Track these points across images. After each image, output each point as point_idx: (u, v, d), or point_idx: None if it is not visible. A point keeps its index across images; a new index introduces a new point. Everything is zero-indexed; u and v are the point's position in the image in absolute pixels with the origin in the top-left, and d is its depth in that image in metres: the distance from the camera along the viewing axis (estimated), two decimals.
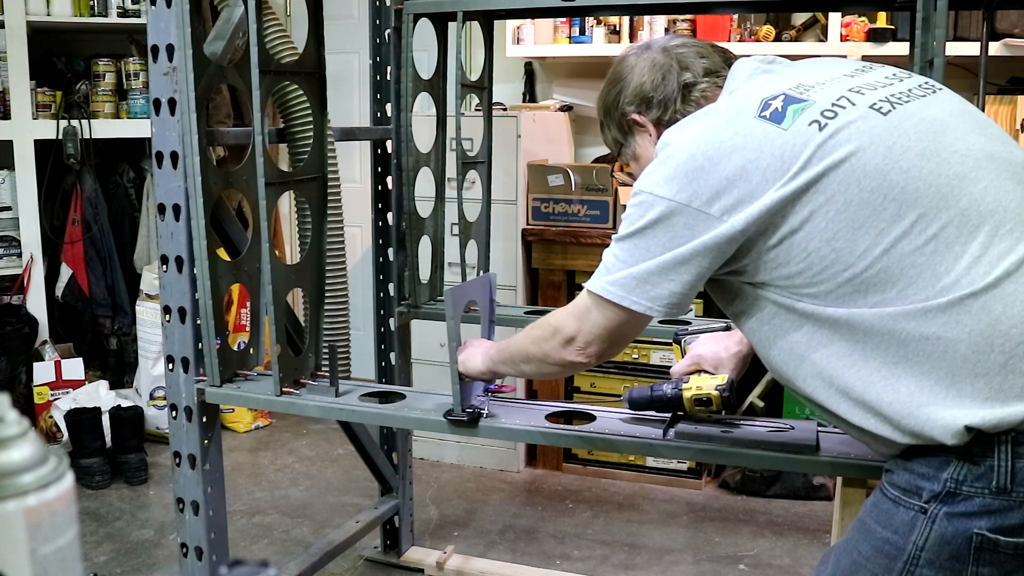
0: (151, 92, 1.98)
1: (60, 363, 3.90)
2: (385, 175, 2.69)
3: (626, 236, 1.31)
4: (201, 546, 2.09)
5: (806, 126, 1.21)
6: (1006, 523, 1.10)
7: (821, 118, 1.21)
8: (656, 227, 1.26)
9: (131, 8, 4.06)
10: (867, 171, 1.17)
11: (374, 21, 2.62)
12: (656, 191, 1.26)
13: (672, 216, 1.24)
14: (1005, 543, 1.10)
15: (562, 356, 1.41)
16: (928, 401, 1.14)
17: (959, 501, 1.12)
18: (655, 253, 1.27)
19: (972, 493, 1.12)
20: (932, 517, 1.13)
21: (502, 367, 1.63)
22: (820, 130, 1.19)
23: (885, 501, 1.21)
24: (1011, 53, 3.25)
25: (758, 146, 1.21)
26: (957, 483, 1.12)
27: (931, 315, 1.14)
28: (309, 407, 2.01)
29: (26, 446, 0.49)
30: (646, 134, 1.46)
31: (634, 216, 1.30)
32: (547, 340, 1.43)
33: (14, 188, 3.94)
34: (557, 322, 1.41)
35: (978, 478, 1.11)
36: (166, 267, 2.01)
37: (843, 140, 1.19)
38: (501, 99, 3.85)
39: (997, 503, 1.10)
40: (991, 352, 1.11)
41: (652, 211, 1.26)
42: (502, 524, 3.22)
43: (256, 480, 3.59)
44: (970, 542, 1.11)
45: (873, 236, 1.16)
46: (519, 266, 3.56)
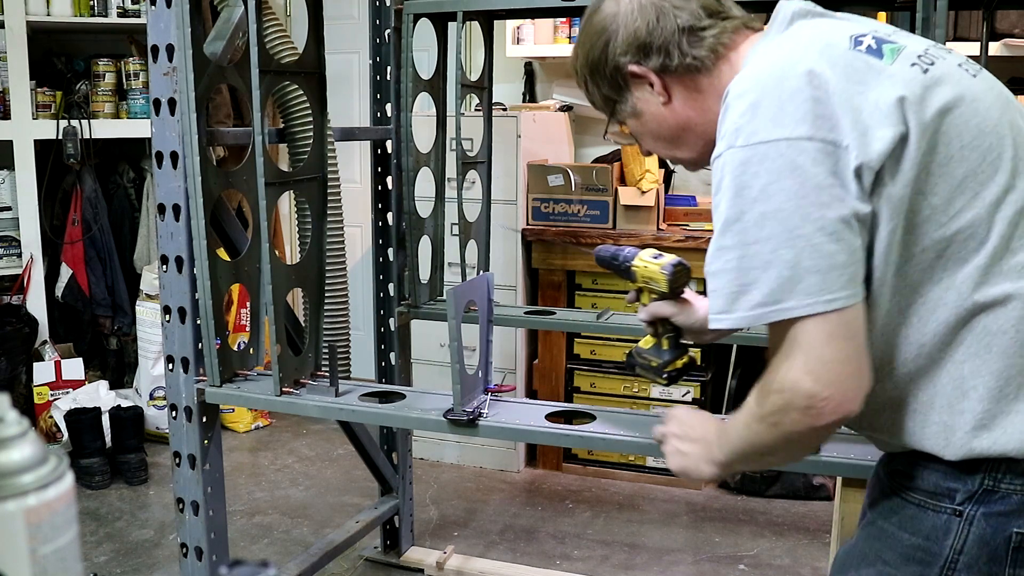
0: (151, 92, 1.98)
1: (60, 363, 3.90)
2: (385, 175, 2.69)
3: (741, 214, 1.03)
4: (201, 546, 2.09)
5: (908, 66, 1.08)
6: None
7: (920, 62, 1.09)
8: (787, 177, 1.01)
9: (131, 8, 4.06)
10: (968, 127, 1.07)
11: (374, 21, 2.62)
12: (783, 134, 1.02)
13: (799, 155, 1.01)
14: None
15: (811, 422, 1.04)
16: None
17: (996, 500, 1.06)
18: (800, 215, 1.00)
19: (1010, 491, 1.06)
20: (969, 519, 1.07)
21: (737, 465, 1.24)
22: (924, 72, 1.07)
23: (908, 507, 1.13)
24: (1011, 53, 3.25)
25: (863, 78, 1.05)
26: (996, 480, 1.06)
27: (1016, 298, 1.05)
28: (309, 407, 2.01)
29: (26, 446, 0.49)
30: (646, 85, 1.25)
31: (744, 186, 1.02)
32: (781, 412, 1.06)
33: (14, 188, 3.94)
34: (780, 390, 1.05)
35: (1018, 475, 1.05)
36: (166, 267, 2.01)
37: (947, 90, 1.07)
38: (501, 99, 3.85)
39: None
40: None
41: (767, 162, 1.02)
42: (502, 524, 3.22)
43: (256, 480, 3.59)
44: (1009, 542, 1.05)
45: (968, 198, 1.06)
46: (519, 266, 3.56)
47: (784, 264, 1.01)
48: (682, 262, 1.55)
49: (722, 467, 1.22)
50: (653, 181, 3.41)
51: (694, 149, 1.28)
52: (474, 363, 1.93)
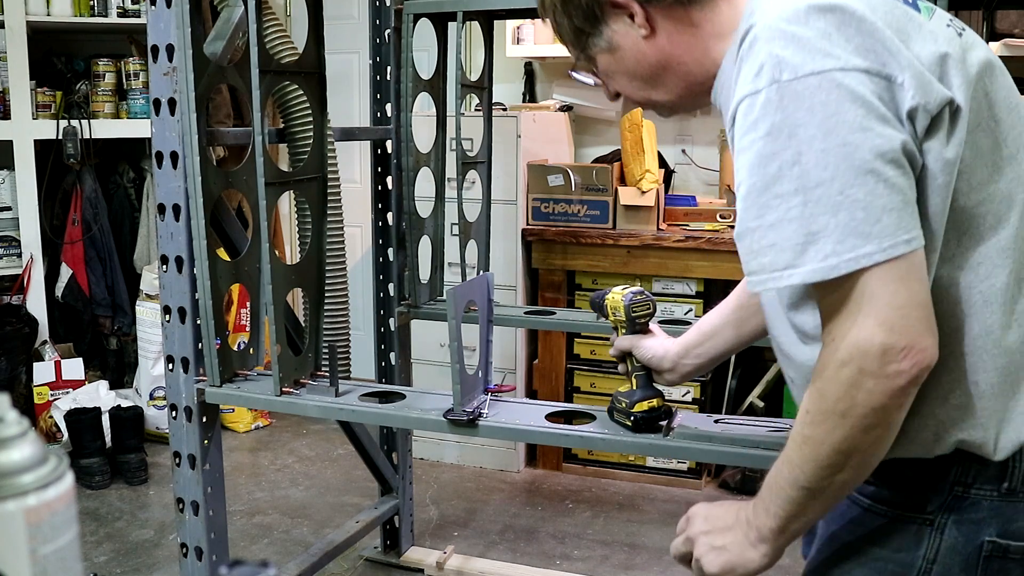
0: (151, 92, 1.98)
1: (60, 363, 3.90)
2: (385, 175, 2.69)
3: (797, 155, 0.90)
4: (201, 546, 2.09)
5: (945, 26, 1.01)
6: (1014, 527, 1.02)
7: (953, 24, 1.02)
8: (844, 109, 0.90)
9: (131, 8, 4.06)
10: (995, 98, 1.01)
11: (374, 21, 2.62)
12: (836, 64, 0.91)
13: (858, 86, 0.90)
14: (1015, 548, 1.02)
15: (889, 385, 0.92)
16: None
17: (967, 507, 1.02)
18: (863, 148, 0.90)
19: (980, 497, 1.02)
20: (940, 527, 1.03)
21: (794, 522, 1.03)
22: (959, 36, 1.01)
23: (876, 519, 1.08)
24: (1011, 53, 3.25)
25: (904, 27, 0.96)
26: (965, 486, 1.03)
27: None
28: (309, 407, 2.01)
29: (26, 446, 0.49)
30: (625, 16, 1.11)
31: (793, 117, 0.91)
32: (853, 386, 0.93)
33: (14, 188, 3.94)
34: (848, 349, 0.93)
35: (988, 480, 1.02)
36: (166, 267, 2.01)
37: (981, 54, 1.01)
38: (501, 99, 3.85)
39: (1005, 507, 1.02)
40: None
41: (826, 91, 0.90)
42: (502, 524, 3.22)
43: (256, 480, 3.59)
44: (980, 550, 1.02)
45: (988, 171, 1.00)
46: (519, 266, 3.56)
47: (856, 205, 0.89)
48: (642, 291, 1.52)
49: (776, 537, 1.04)
50: (653, 181, 3.41)
51: (672, 91, 1.15)
52: (474, 363, 1.93)
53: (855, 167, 0.89)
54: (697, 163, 3.99)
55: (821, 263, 0.91)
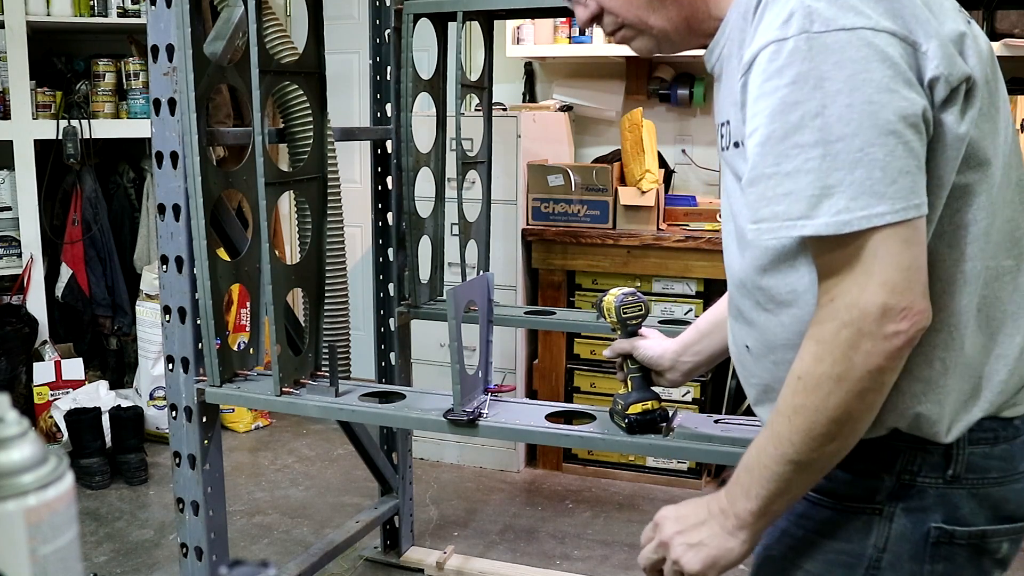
0: (151, 92, 1.98)
1: (60, 363, 3.90)
2: (385, 175, 2.69)
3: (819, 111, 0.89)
4: (201, 546, 2.09)
5: (956, 11, 1.00)
6: (958, 513, 1.03)
7: (963, 12, 1.02)
8: (872, 68, 0.89)
9: (131, 8, 4.06)
10: (996, 88, 1.02)
11: (374, 21, 2.62)
12: (868, 23, 0.90)
13: (887, 47, 0.90)
14: (960, 533, 1.03)
15: (886, 347, 0.92)
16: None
17: (914, 495, 1.04)
18: (887, 109, 0.89)
19: (927, 484, 1.03)
20: (889, 516, 1.04)
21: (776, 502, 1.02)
22: (968, 24, 1.00)
23: (823, 511, 1.09)
24: (1011, 53, 3.25)
25: (927, 2, 0.96)
26: (912, 475, 1.04)
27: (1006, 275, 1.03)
28: (309, 407, 2.01)
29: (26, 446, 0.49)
30: None
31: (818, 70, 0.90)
32: (851, 347, 0.92)
33: (14, 188, 3.95)
34: (848, 310, 0.92)
35: (933, 467, 1.03)
36: (166, 267, 2.01)
37: (986, 44, 1.01)
38: (501, 99, 3.85)
39: (950, 493, 1.03)
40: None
41: (856, 48, 0.89)
42: (502, 524, 3.22)
43: (256, 480, 3.59)
44: (927, 537, 1.03)
45: (987, 155, 1.01)
46: (519, 266, 3.56)
47: (875, 164, 0.89)
48: (634, 292, 1.52)
49: (756, 520, 1.02)
50: (653, 181, 3.41)
51: (669, 20, 1.11)
52: (474, 363, 1.93)
53: (878, 126, 0.89)
54: (697, 163, 3.99)
55: (834, 217, 0.90)
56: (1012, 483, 1.06)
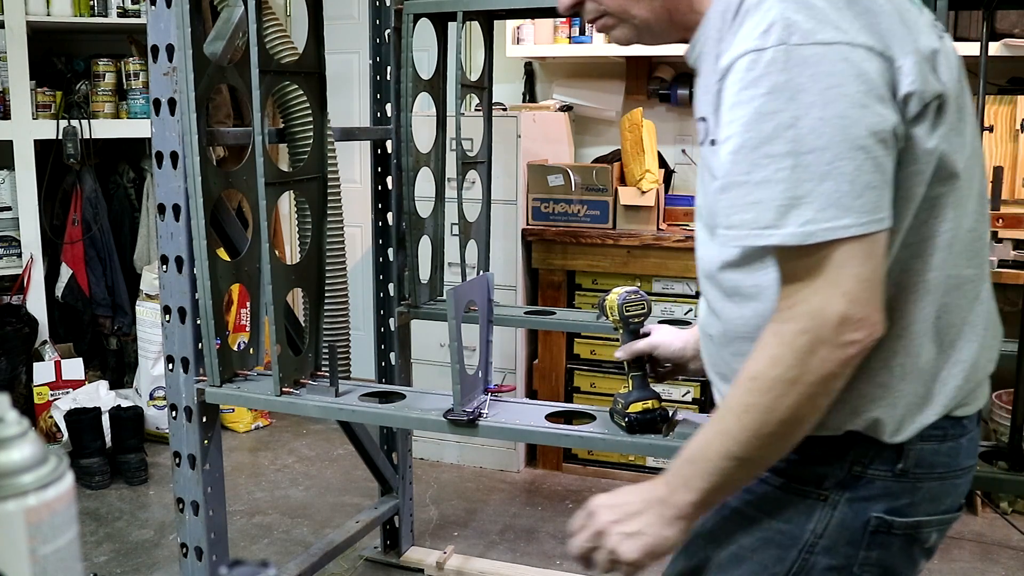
0: (151, 92, 1.98)
1: (60, 363, 3.90)
2: (385, 175, 2.69)
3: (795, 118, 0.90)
4: (201, 546, 2.09)
5: (931, 24, 1.03)
6: (899, 504, 1.06)
7: (936, 26, 1.04)
8: (846, 83, 0.90)
9: (131, 8, 4.06)
10: (964, 103, 1.04)
11: (374, 21, 2.62)
12: (845, 38, 0.92)
13: (862, 62, 0.91)
14: (899, 523, 1.06)
15: (840, 355, 0.95)
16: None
17: (862, 485, 1.06)
18: (858, 124, 0.91)
19: (875, 476, 1.06)
20: (833, 504, 1.06)
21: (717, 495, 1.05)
22: (940, 39, 1.02)
23: (770, 490, 1.10)
24: (1011, 53, 3.25)
25: (906, 16, 0.98)
26: (863, 466, 1.06)
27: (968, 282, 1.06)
28: (309, 407, 2.01)
29: (26, 446, 0.49)
30: None
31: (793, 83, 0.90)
32: (808, 353, 0.95)
33: (14, 188, 3.94)
34: (807, 317, 0.95)
35: (884, 461, 1.05)
36: (166, 267, 2.01)
37: (957, 62, 1.03)
38: (501, 99, 3.85)
39: (896, 486, 1.06)
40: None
41: (830, 63, 0.90)
42: (502, 524, 3.22)
43: (256, 480, 3.59)
44: (866, 525, 1.06)
45: (954, 169, 1.02)
46: (519, 266, 3.56)
47: (843, 177, 0.90)
48: (637, 291, 1.51)
49: (696, 511, 1.04)
50: (653, 181, 3.41)
51: (652, 11, 1.11)
52: (474, 363, 1.93)
53: (849, 140, 0.90)
54: (697, 163, 3.98)
55: (800, 228, 0.92)
56: (953, 478, 1.09)
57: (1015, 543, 3.02)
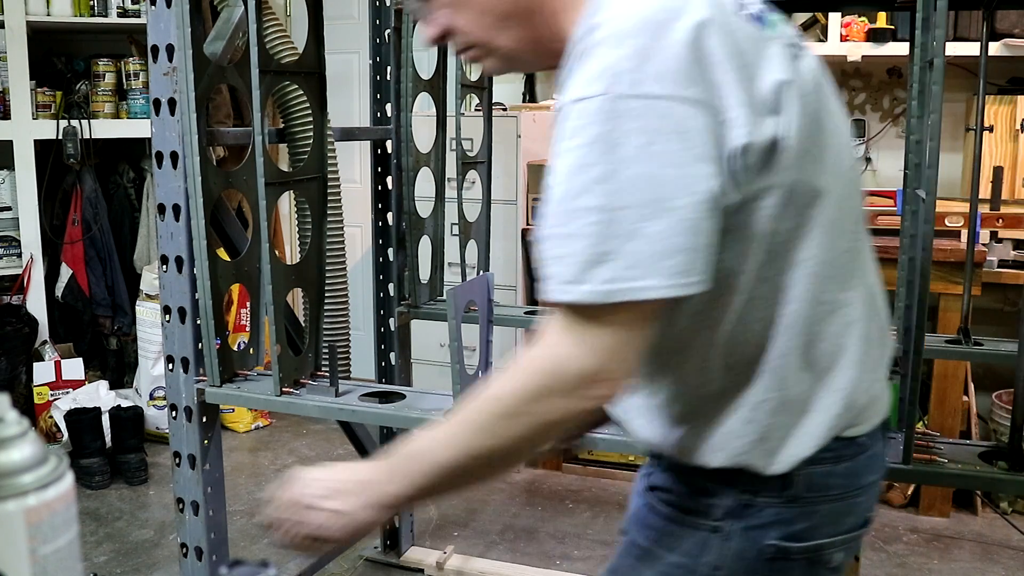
0: (151, 92, 1.98)
1: (60, 363, 3.90)
2: (385, 175, 2.69)
3: (608, 174, 0.87)
4: (201, 546, 2.09)
5: (785, 45, 0.98)
6: (795, 530, 1.03)
7: (796, 40, 1.01)
8: (664, 141, 0.86)
9: (131, 8, 4.06)
10: (824, 122, 1.00)
11: (374, 21, 2.62)
12: (673, 91, 0.87)
13: (685, 119, 0.87)
14: (796, 549, 1.03)
15: (574, 406, 0.93)
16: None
17: (753, 513, 1.03)
18: (675, 185, 0.87)
19: (766, 504, 1.02)
20: (726, 535, 1.03)
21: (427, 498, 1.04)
22: (794, 56, 0.98)
23: (667, 523, 1.07)
24: (1011, 53, 3.25)
25: (752, 48, 0.93)
26: (752, 495, 1.03)
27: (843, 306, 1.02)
28: (309, 407, 2.01)
29: (26, 446, 0.49)
30: None
31: (612, 135, 0.87)
32: (542, 396, 0.93)
33: (14, 188, 3.94)
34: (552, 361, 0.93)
35: (773, 488, 1.02)
36: (166, 267, 2.01)
37: (813, 77, 0.99)
38: (501, 99, 3.85)
39: (788, 512, 1.03)
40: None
41: (650, 118, 0.87)
42: (502, 524, 3.22)
43: (256, 480, 3.58)
44: (762, 554, 1.03)
45: (811, 198, 0.99)
46: (519, 266, 3.55)
47: (651, 238, 0.87)
48: None
49: (402, 504, 1.03)
50: None
51: (517, 40, 1.05)
52: (474, 363, 1.93)
53: (661, 200, 0.87)
54: None
55: (600, 286, 0.88)
56: (853, 498, 1.06)
57: (1015, 543, 3.02)
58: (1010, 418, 1.74)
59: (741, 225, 0.95)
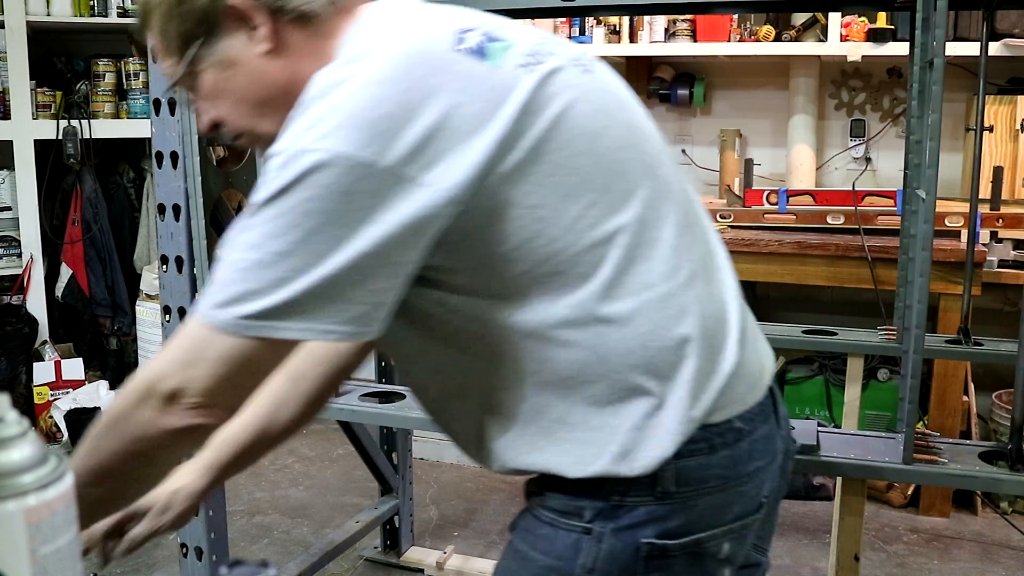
0: (151, 92, 1.98)
1: (60, 363, 3.90)
2: None
3: (273, 221, 0.90)
4: (201, 546, 2.09)
5: (515, 67, 0.97)
6: (671, 526, 1.01)
7: (529, 61, 0.98)
8: (327, 199, 0.88)
9: (131, 8, 4.06)
10: (579, 131, 0.98)
11: None
12: (323, 145, 0.88)
13: (354, 181, 0.88)
14: (673, 546, 1.02)
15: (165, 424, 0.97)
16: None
17: (624, 514, 1.01)
18: (333, 242, 0.89)
19: (637, 503, 1.01)
20: (598, 536, 1.01)
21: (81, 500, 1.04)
22: (531, 74, 0.97)
23: (541, 526, 1.06)
24: (1011, 53, 3.25)
25: (464, 86, 0.93)
26: (622, 495, 1.01)
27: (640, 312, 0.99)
28: None
29: (26, 446, 0.49)
30: (246, 28, 1.02)
31: (286, 188, 0.89)
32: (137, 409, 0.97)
33: (14, 188, 3.94)
34: (158, 377, 0.96)
35: (642, 486, 1.00)
36: (166, 267, 2.01)
37: (556, 90, 0.98)
38: None
39: (661, 509, 1.01)
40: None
41: (318, 175, 0.88)
42: (502, 524, 3.22)
43: (256, 480, 3.59)
44: (638, 552, 1.01)
45: (583, 207, 0.96)
46: None
47: (298, 286, 0.90)
48: None
49: None
50: None
51: (279, 123, 1.00)
52: None
53: (305, 254, 0.89)
54: (697, 163, 3.99)
55: (241, 320, 0.91)
56: (737, 487, 1.04)
57: (1015, 543, 3.02)
58: (1010, 418, 1.74)
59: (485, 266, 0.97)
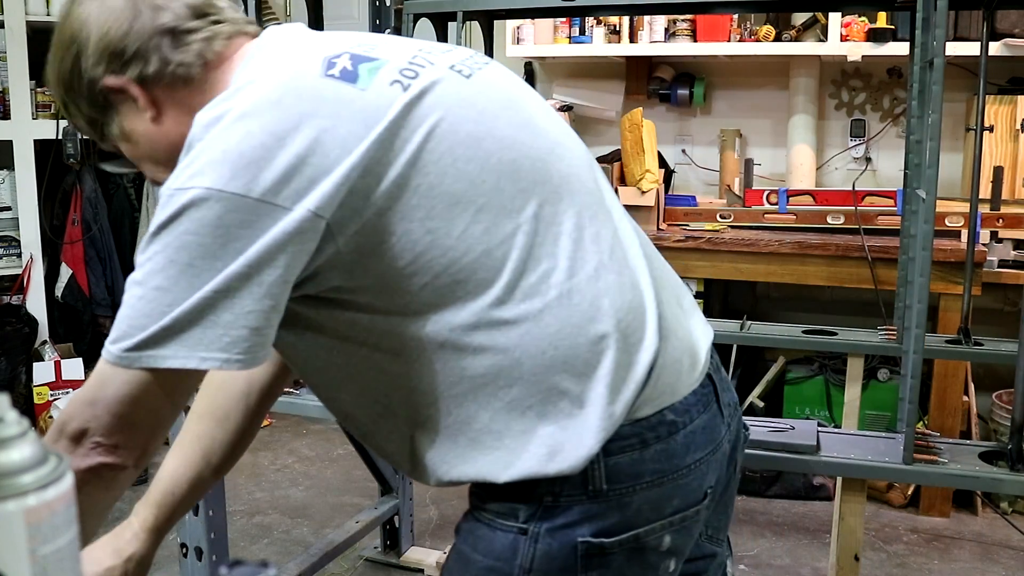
0: None
1: (60, 363, 3.90)
2: None
3: (154, 258, 0.94)
4: (201, 546, 2.09)
5: (387, 86, 0.99)
6: (607, 524, 1.01)
7: (402, 77, 1.01)
8: (201, 233, 0.92)
9: None
10: (460, 138, 1.00)
11: (374, 21, 2.62)
12: (197, 182, 0.93)
13: (224, 213, 0.92)
14: (610, 543, 1.01)
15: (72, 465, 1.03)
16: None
17: (559, 513, 1.01)
18: (207, 272, 0.93)
19: (570, 502, 1.01)
20: (534, 537, 1.02)
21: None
22: (404, 90, 0.99)
23: (481, 527, 1.08)
24: (1011, 53, 3.26)
25: (333, 111, 0.96)
26: (555, 495, 1.01)
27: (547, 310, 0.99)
28: (309, 407, 2.01)
29: (26, 446, 0.49)
30: (130, 101, 1.11)
31: (164, 225, 0.94)
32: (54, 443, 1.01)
33: (14, 188, 3.94)
34: (81, 408, 1.00)
35: (574, 485, 1.00)
36: None
37: (432, 102, 1.00)
38: None
39: (596, 507, 1.01)
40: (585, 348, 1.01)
41: (192, 211, 0.92)
42: None
43: (256, 480, 3.59)
44: (575, 551, 1.01)
45: (472, 213, 0.98)
46: None
47: (181, 317, 0.94)
48: None
49: None
50: (653, 181, 3.41)
51: None
52: None
53: (186, 288, 0.93)
54: (697, 163, 3.99)
55: (126, 352, 0.95)
56: (674, 480, 1.04)
57: (1015, 543, 3.02)
58: (1010, 418, 1.74)
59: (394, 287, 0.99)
